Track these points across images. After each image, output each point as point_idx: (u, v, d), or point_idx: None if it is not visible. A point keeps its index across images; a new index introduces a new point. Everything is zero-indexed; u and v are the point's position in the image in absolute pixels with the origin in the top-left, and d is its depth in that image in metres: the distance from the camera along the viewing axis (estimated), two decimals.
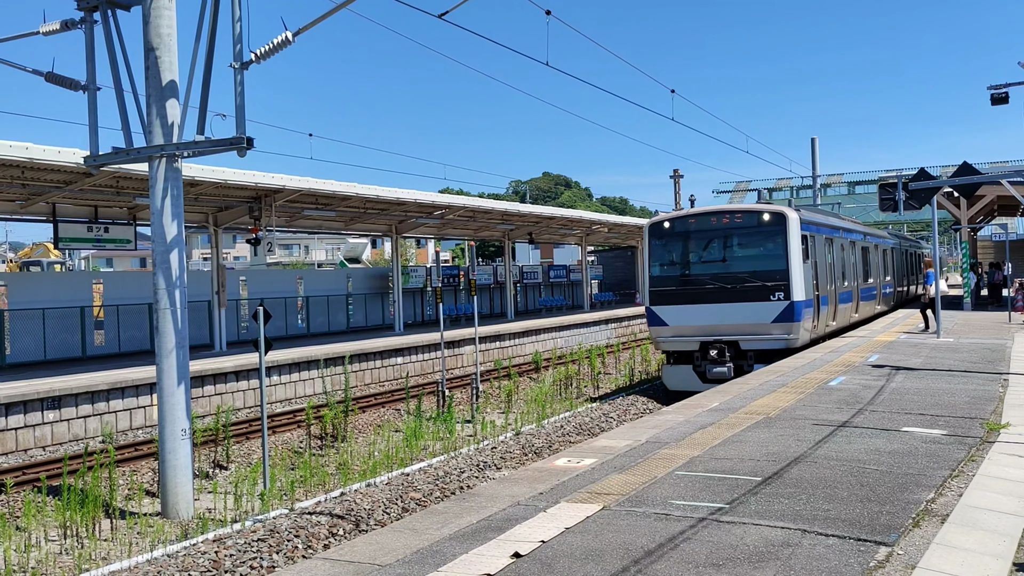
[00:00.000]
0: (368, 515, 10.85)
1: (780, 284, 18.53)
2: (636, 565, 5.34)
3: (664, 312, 19.62)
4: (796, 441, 8.92)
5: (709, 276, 19.37)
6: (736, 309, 18.83)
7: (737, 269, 19.20)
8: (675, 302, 19.52)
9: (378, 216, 29.50)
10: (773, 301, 18.52)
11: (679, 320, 19.40)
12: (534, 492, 7.32)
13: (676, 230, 20.03)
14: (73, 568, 9.92)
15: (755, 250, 19.38)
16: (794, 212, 19.16)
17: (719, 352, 18.91)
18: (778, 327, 18.52)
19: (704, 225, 19.78)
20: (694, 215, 20.21)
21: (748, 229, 19.34)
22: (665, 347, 20.01)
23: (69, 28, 12.75)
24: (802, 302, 18.58)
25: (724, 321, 18.93)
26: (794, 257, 18.58)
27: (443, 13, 12.59)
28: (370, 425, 19.57)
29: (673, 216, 20.50)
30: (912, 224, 70.39)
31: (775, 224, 18.94)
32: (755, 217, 19.26)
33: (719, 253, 19.73)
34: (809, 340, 19.54)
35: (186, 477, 11.76)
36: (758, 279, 18.77)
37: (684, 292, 19.52)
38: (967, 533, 5.96)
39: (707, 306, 19.15)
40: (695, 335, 19.27)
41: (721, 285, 19.11)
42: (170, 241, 11.78)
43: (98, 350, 24.25)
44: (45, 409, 16.52)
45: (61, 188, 19.69)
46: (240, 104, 11.23)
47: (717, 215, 19.82)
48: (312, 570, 5.63)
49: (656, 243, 20.20)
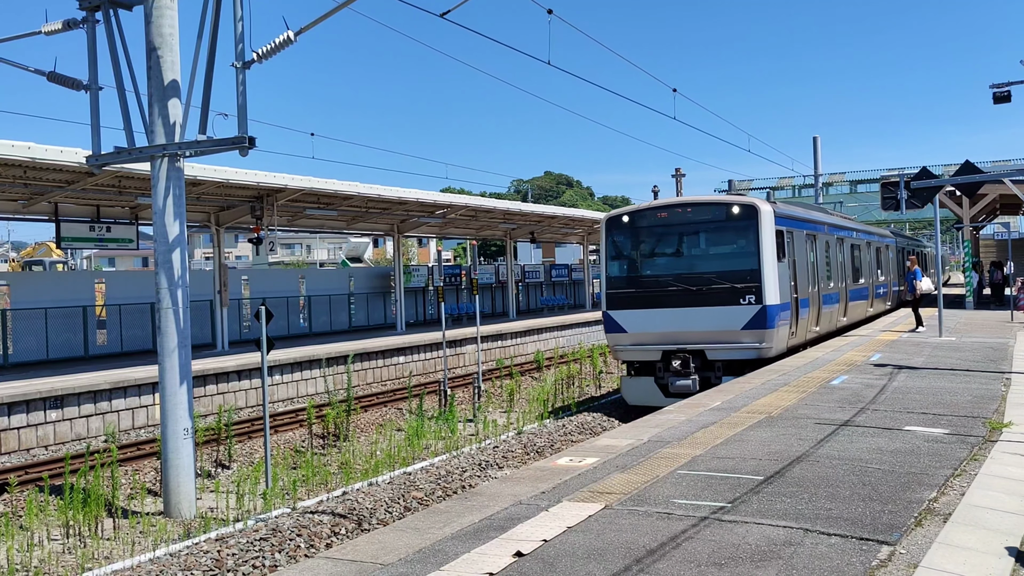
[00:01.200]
0: (370, 514, 10.85)
1: (750, 286, 16.59)
2: (638, 564, 5.34)
3: (622, 317, 17.73)
4: (798, 440, 8.91)
5: (672, 277, 17.41)
6: (702, 314, 16.92)
7: (703, 269, 17.25)
8: (634, 306, 17.60)
9: (380, 215, 29.50)
10: (743, 305, 16.58)
11: (639, 326, 17.52)
12: (536, 491, 7.32)
13: (636, 225, 18.05)
14: (76, 567, 9.93)
15: (723, 247, 17.52)
16: (766, 204, 17.20)
17: (683, 363, 16.96)
18: (749, 335, 16.57)
19: (667, 219, 17.81)
20: (655, 208, 18.12)
21: (715, 224, 17.37)
22: (624, 357, 18.09)
23: (71, 28, 12.77)
24: (776, 306, 16.65)
25: (688, 328, 17.04)
26: (766, 255, 16.64)
27: (445, 12, 12.59)
28: (372, 424, 19.58)
29: (632, 209, 18.39)
30: (914, 223, 70.32)
31: (744, 218, 16.94)
32: (723, 210, 17.25)
33: (683, 251, 17.83)
34: (786, 348, 17.67)
35: (188, 476, 11.76)
36: (726, 280, 16.83)
37: (644, 295, 17.58)
38: (970, 532, 5.96)
39: (670, 311, 17.22)
40: (657, 343, 17.36)
41: (685, 287, 17.18)
42: (172, 240, 11.79)
43: (100, 350, 24.28)
44: (48, 408, 16.54)
45: (63, 188, 19.71)
46: (242, 103, 11.24)
47: (682, 208, 17.77)
48: (314, 569, 5.63)
49: (614, 240, 18.30)
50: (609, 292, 18.01)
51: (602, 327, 18.91)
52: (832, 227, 22.91)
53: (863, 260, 27.10)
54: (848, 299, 23.97)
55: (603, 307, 18.07)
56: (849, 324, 24.24)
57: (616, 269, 18.22)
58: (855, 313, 25.17)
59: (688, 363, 16.87)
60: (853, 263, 25.29)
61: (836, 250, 22.92)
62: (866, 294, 27.15)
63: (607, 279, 18.13)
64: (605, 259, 18.27)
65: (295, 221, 28.47)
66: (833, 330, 22.26)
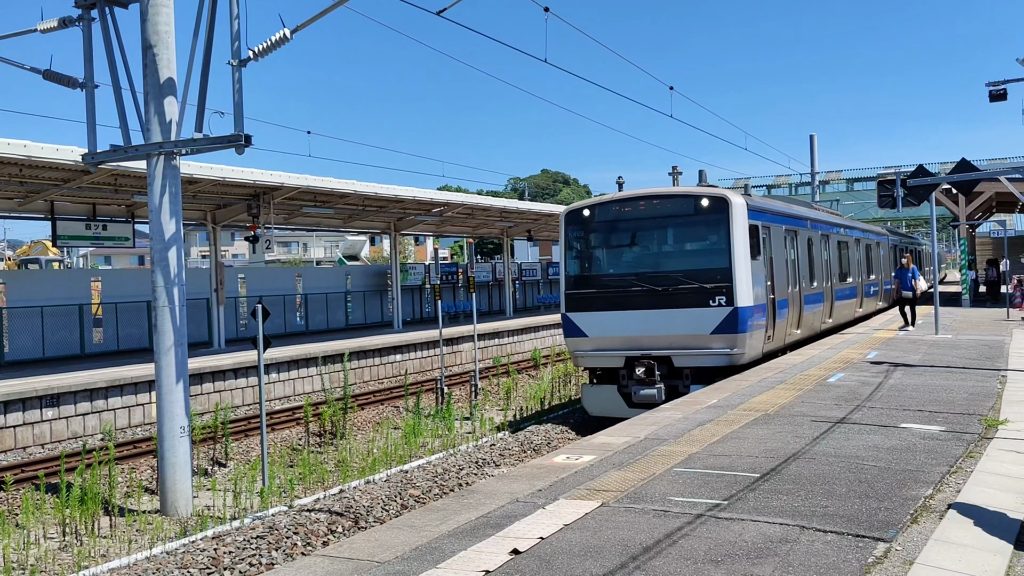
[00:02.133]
0: (367, 512, 10.86)
1: (720, 286, 15.23)
2: (634, 561, 5.35)
3: (582, 320, 16.28)
4: (795, 438, 8.93)
5: (636, 276, 16.01)
6: (668, 317, 15.52)
7: (669, 268, 15.89)
8: (595, 308, 16.17)
9: (377, 213, 29.49)
10: (712, 307, 15.23)
11: (600, 330, 16.09)
12: (533, 489, 7.33)
13: (597, 219, 16.62)
14: (72, 565, 9.92)
15: (691, 244, 16.24)
16: (738, 196, 15.88)
17: (647, 370, 15.50)
18: (719, 339, 15.22)
19: (631, 213, 16.39)
20: (618, 201, 16.66)
21: (682, 218, 16.03)
22: (584, 363, 16.59)
23: (67, 26, 12.74)
24: (749, 308, 15.30)
25: (654, 332, 15.62)
26: (739, 252, 15.28)
27: (441, 10, 12.58)
28: (369, 422, 19.58)
29: (593, 202, 16.96)
30: (911, 221, 70.43)
31: (715, 211, 15.57)
32: (690, 203, 15.85)
33: (648, 248, 16.50)
34: (762, 354, 16.34)
35: (185, 474, 11.76)
36: (694, 280, 15.47)
37: (606, 296, 16.15)
38: (966, 529, 5.97)
39: (633, 313, 15.82)
40: (619, 349, 15.94)
41: (650, 287, 15.75)
42: (168, 239, 11.77)
43: (97, 348, 24.25)
44: (44, 407, 16.52)
45: (59, 186, 19.67)
46: (238, 102, 11.22)
47: (646, 200, 16.29)
48: (311, 567, 5.63)
49: (574, 235, 16.89)
50: (568, 293, 16.65)
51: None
52: (816, 223, 21.75)
53: (851, 258, 25.99)
54: (834, 299, 22.76)
55: (562, 309, 16.74)
56: (835, 326, 23.19)
57: (576, 268, 16.90)
58: (842, 314, 24.04)
59: (653, 370, 15.45)
60: (840, 261, 24.13)
61: (820, 247, 21.79)
62: (854, 294, 25.94)
63: (566, 278, 16.77)
64: (564, 257, 16.89)
65: (292, 219, 28.46)
66: (817, 333, 21.14)
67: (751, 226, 15.75)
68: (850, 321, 25.41)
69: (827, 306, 21.95)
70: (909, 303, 22.20)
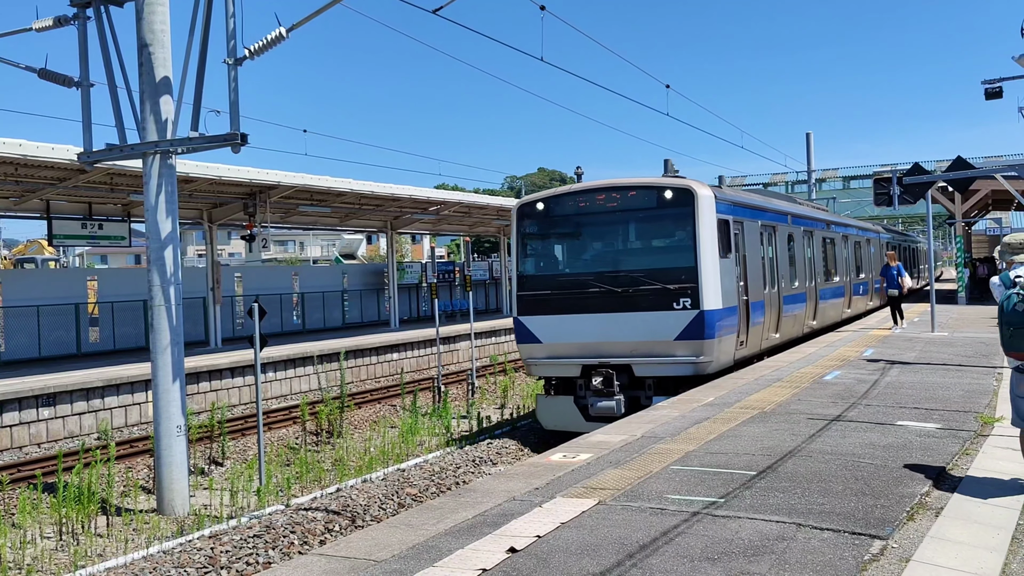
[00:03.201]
0: (364, 511, 10.86)
1: (685, 287, 13.89)
2: (631, 559, 5.35)
3: (535, 325, 14.84)
4: (791, 435, 8.93)
5: (593, 276, 14.61)
6: (628, 321, 14.14)
7: (630, 267, 14.51)
8: (550, 311, 14.74)
9: (373, 212, 29.48)
10: (676, 310, 13.89)
11: (555, 335, 14.67)
12: (530, 487, 7.33)
13: (552, 214, 15.23)
14: (69, 565, 9.91)
15: (653, 240, 14.92)
16: (705, 188, 14.47)
17: (605, 380, 14.13)
18: (684, 346, 13.88)
19: (588, 207, 14.97)
20: (575, 193, 15.21)
21: (644, 212, 14.64)
22: (538, 372, 15.18)
23: (62, 24, 12.72)
24: (717, 312, 13.99)
25: (613, 337, 14.25)
26: (705, 250, 13.96)
27: (437, 8, 12.57)
28: (366, 421, 19.57)
29: (548, 195, 15.49)
30: (907, 218, 70.53)
31: (679, 204, 14.20)
32: (653, 195, 14.46)
33: (607, 245, 15.18)
34: (733, 361, 15.08)
35: (182, 474, 11.75)
36: (656, 280, 14.08)
37: (561, 298, 14.72)
38: (962, 527, 5.98)
39: (590, 317, 14.40)
40: (575, 356, 14.54)
41: (609, 289, 14.34)
42: (165, 238, 11.76)
43: (93, 347, 24.22)
44: (40, 406, 16.49)
45: (55, 185, 19.64)
46: (234, 100, 11.21)
47: (605, 192, 14.86)
48: (308, 566, 5.63)
49: (526, 231, 15.44)
50: (520, 294, 15.17)
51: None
52: (798, 218, 20.40)
53: (838, 255, 24.67)
54: (818, 300, 21.45)
55: (514, 312, 15.28)
56: (820, 328, 21.90)
57: (529, 267, 15.44)
58: (828, 315, 22.75)
59: (611, 380, 14.08)
60: (825, 259, 22.92)
61: (802, 244, 20.50)
62: (841, 293, 24.60)
63: (518, 279, 15.29)
64: (516, 255, 15.41)
65: (288, 218, 28.44)
66: (799, 336, 19.87)
67: (720, 220, 14.52)
68: (837, 323, 24.32)
69: (810, 307, 20.73)
70: (896, 301, 21.66)
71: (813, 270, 21.16)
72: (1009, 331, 6.56)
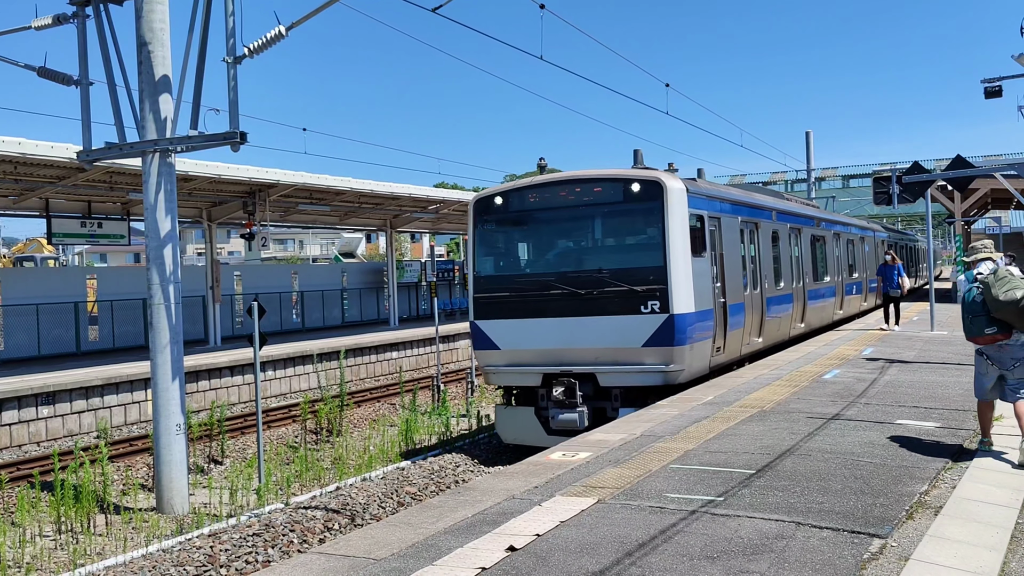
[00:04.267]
0: (363, 509, 10.87)
1: (654, 289, 12.75)
2: (630, 558, 5.36)
3: (493, 329, 13.73)
4: (790, 434, 8.94)
5: (554, 277, 13.44)
6: (592, 326, 13.03)
7: (594, 267, 13.37)
8: (508, 315, 13.62)
9: (373, 211, 29.48)
10: (644, 314, 12.74)
11: (514, 341, 13.56)
12: (529, 486, 7.33)
13: (511, 209, 14.05)
14: (68, 563, 9.91)
15: (619, 238, 13.85)
16: (676, 180, 13.29)
17: (567, 390, 12.99)
18: (652, 353, 12.74)
19: (550, 201, 13.81)
20: (535, 186, 13.99)
21: (610, 207, 13.50)
22: (496, 381, 14.10)
23: (61, 23, 12.72)
24: (689, 315, 12.88)
25: (576, 344, 13.12)
26: (676, 248, 12.82)
27: (437, 7, 12.56)
28: (365, 420, 19.58)
29: (507, 189, 14.28)
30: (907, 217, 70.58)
31: (646, 198, 13.04)
32: (619, 188, 13.31)
33: (570, 242, 14.12)
34: (708, 369, 13.93)
35: (181, 472, 11.75)
36: (622, 281, 12.93)
37: (521, 301, 13.57)
38: (961, 525, 5.99)
39: (551, 321, 13.28)
40: (536, 364, 13.43)
41: (572, 290, 13.18)
42: (164, 236, 11.76)
43: (92, 346, 24.23)
44: (39, 405, 16.49)
45: (54, 183, 19.64)
46: (233, 99, 11.21)
47: (567, 186, 13.72)
48: (307, 564, 5.63)
49: (484, 228, 14.26)
50: (477, 297, 14.01)
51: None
52: (784, 214, 19.21)
53: (829, 254, 23.44)
54: (806, 301, 20.31)
55: (470, 316, 14.15)
56: (809, 331, 20.81)
57: (487, 267, 14.31)
58: (818, 317, 21.63)
59: (574, 391, 12.98)
60: (814, 258, 21.71)
61: (789, 242, 19.30)
62: (832, 294, 23.47)
63: (475, 280, 14.13)
64: (473, 253, 14.29)
65: (287, 216, 28.45)
66: (785, 340, 18.74)
67: (693, 216, 13.38)
68: (828, 325, 23.24)
69: (798, 309, 19.61)
70: (894, 302, 21.18)
71: (801, 270, 20.10)
72: (969, 318, 7.78)
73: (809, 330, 20.82)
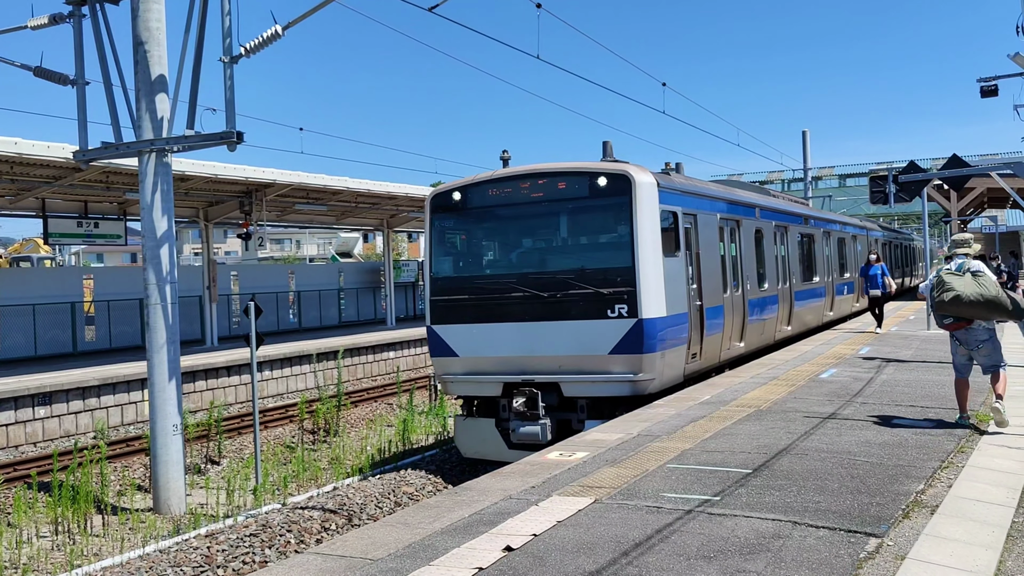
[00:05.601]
0: (360, 510, 10.86)
1: (621, 291, 11.83)
2: (627, 557, 5.36)
3: (451, 335, 12.82)
4: (787, 433, 8.95)
5: (515, 279, 12.55)
6: (556, 332, 12.10)
7: (557, 267, 12.51)
8: (467, 319, 12.72)
9: (370, 210, 29.46)
10: (611, 319, 11.84)
11: (473, 348, 12.65)
12: (526, 486, 7.33)
13: (470, 205, 13.08)
14: (65, 564, 9.91)
15: (586, 236, 12.88)
16: (646, 174, 12.29)
17: (529, 401, 12.05)
18: (620, 361, 11.84)
19: (511, 196, 12.82)
20: (496, 181, 12.98)
21: (575, 203, 12.50)
22: (455, 390, 13.15)
23: (57, 22, 12.71)
24: (660, 320, 11.94)
25: (538, 351, 12.19)
26: (646, 247, 11.89)
27: (434, 7, 12.56)
28: (362, 420, 19.57)
29: (466, 183, 13.22)
30: (903, 216, 70.68)
31: (614, 194, 12.10)
32: (584, 182, 12.35)
33: (533, 241, 13.21)
34: (683, 377, 13.05)
35: (178, 472, 11.74)
36: (588, 283, 12.03)
37: (480, 304, 12.66)
38: (957, 524, 5.99)
39: (512, 326, 12.36)
40: (496, 372, 12.50)
41: (534, 293, 12.28)
42: (160, 236, 11.75)
43: (89, 346, 24.19)
44: (36, 405, 16.47)
45: (50, 183, 19.60)
46: (230, 98, 11.20)
47: (530, 180, 12.69)
48: (304, 564, 5.62)
49: (441, 225, 13.34)
50: (434, 299, 13.09)
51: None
52: (769, 211, 18.25)
53: (819, 253, 22.47)
54: (793, 303, 19.40)
55: (427, 320, 13.23)
56: (797, 334, 20.00)
57: (445, 267, 13.37)
58: (805, 319, 20.74)
59: (535, 402, 12.03)
60: (802, 257, 20.80)
61: (774, 241, 18.32)
62: (822, 294, 22.43)
63: (432, 281, 13.20)
64: (430, 253, 13.37)
65: (284, 216, 28.42)
66: (770, 344, 17.82)
67: (666, 212, 12.51)
68: (818, 327, 22.31)
69: (784, 311, 18.64)
70: (879, 303, 20.32)
71: (787, 270, 19.15)
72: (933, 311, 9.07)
73: (797, 333, 20.12)
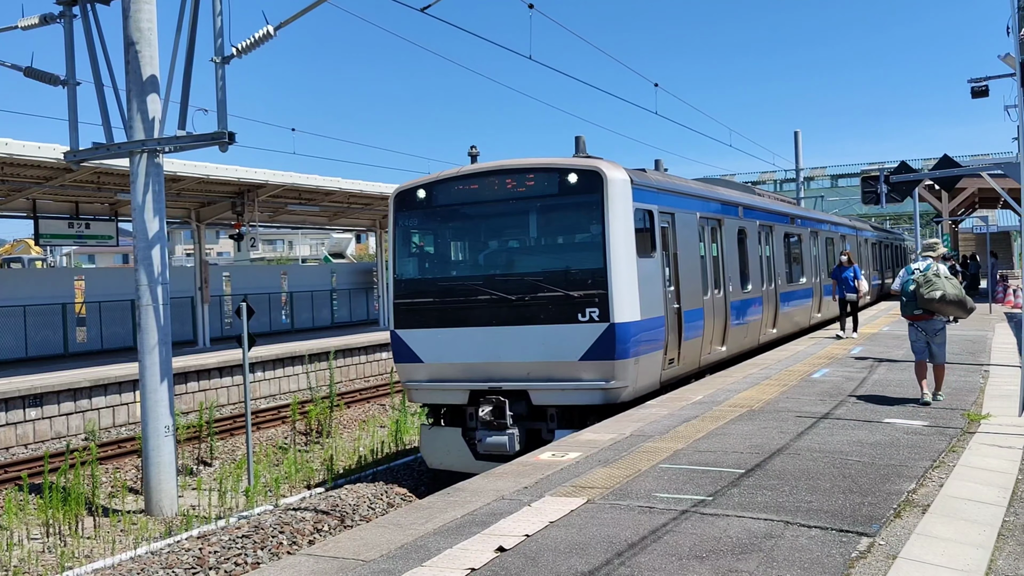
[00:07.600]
0: (353, 511, 10.84)
1: (592, 294, 11.26)
2: (619, 558, 5.36)
3: (415, 340, 12.24)
4: (779, 433, 8.96)
5: (482, 281, 11.98)
6: (524, 337, 11.52)
7: (526, 269, 12.00)
8: (431, 323, 12.12)
9: (362, 211, 29.43)
10: (582, 323, 11.26)
11: (438, 354, 12.07)
12: (519, 486, 7.33)
13: (436, 203, 12.49)
14: (56, 566, 9.86)
15: (555, 236, 12.32)
16: (619, 171, 11.70)
17: (496, 409, 11.48)
18: (591, 368, 11.26)
19: (478, 194, 12.24)
20: (462, 177, 12.37)
21: (545, 201, 11.90)
22: (419, 398, 12.58)
23: (48, 23, 12.67)
24: (634, 324, 11.36)
25: (505, 357, 11.63)
26: (618, 247, 11.33)
27: (426, 7, 12.55)
28: (355, 420, 19.54)
29: (430, 180, 12.61)
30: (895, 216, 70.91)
31: (585, 191, 11.53)
32: (554, 179, 11.75)
33: (500, 242, 12.68)
34: (659, 384, 12.47)
35: (170, 474, 11.71)
36: (557, 286, 11.44)
37: (445, 308, 12.06)
38: (948, 523, 6.01)
39: (479, 331, 11.77)
40: (462, 379, 11.95)
41: (501, 296, 11.69)
42: (152, 237, 11.71)
43: (80, 347, 24.10)
44: (27, 407, 16.40)
45: (41, 184, 19.54)
46: (222, 99, 11.18)
47: (498, 177, 12.06)
48: (296, 566, 5.61)
49: (405, 224, 12.76)
50: (398, 303, 12.52)
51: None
52: (752, 210, 17.66)
53: (806, 253, 21.85)
54: (779, 305, 18.76)
55: (390, 324, 12.72)
56: (783, 336, 19.37)
57: (409, 269, 12.80)
58: (792, 322, 20.08)
59: (503, 410, 11.47)
60: (789, 258, 20.14)
61: (758, 241, 17.74)
62: (809, 295, 21.78)
63: (395, 283, 12.62)
64: (393, 254, 12.76)
65: (277, 217, 28.38)
66: (755, 347, 17.31)
67: (640, 211, 11.92)
68: (805, 329, 21.70)
69: (768, 314, 18.05)
70: (851, 306, 19.27)
71: (772, 270, 18.51)
72: (904, 301, 10.45)
73: (783, 335, 19.56)
